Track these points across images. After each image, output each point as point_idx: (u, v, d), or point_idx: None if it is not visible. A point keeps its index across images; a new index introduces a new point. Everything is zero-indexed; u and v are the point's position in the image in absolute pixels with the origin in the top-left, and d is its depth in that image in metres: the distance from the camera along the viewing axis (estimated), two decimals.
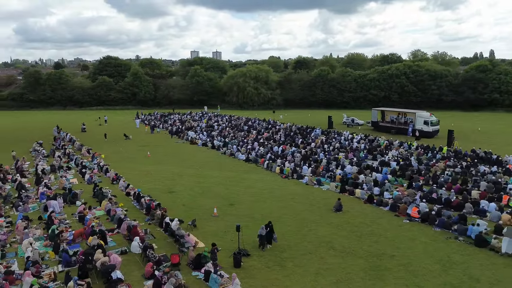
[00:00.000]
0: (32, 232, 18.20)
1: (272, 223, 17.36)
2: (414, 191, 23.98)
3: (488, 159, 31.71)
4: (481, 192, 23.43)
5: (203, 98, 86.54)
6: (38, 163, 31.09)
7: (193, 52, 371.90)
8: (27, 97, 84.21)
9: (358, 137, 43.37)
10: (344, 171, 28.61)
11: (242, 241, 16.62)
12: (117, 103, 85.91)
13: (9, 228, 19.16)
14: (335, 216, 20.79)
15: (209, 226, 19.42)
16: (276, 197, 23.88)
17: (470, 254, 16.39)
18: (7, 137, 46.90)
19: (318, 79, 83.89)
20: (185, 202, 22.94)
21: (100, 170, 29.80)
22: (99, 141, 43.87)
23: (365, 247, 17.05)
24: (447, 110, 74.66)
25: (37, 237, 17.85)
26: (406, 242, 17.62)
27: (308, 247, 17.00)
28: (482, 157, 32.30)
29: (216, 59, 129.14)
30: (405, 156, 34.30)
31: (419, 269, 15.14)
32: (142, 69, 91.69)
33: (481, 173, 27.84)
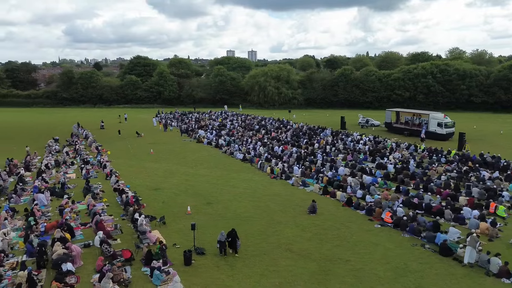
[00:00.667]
0: (14, 223, 19.50)
1: (235, 231, 16.76)
2: (397, 196, 23.30)
3: (492, 164, 30.06)
4: (468, 199, 22.39)
5: (225, 97, 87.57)
6: (45, 157, 32.99)
7: (229, 51, 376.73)
8: (61, 95, 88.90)
9: (365, 138, 42.44)
10: (333, 173, 28.18)
11: (202, 240, 17.02)
12: (143, 101, 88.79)
13: None
14: (307, 218, 20.63)
15: (179, 224, 19.89)
16: (255, 197, 23.99)
17: (429, 263, 15.79)
18: (32, 133, 49.86)
19: (340, 79, 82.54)
20: (165, 199, 23.58)
21: (99, 166, 31.17)
22: (113, 138, 45.69)
23: (323, 251, 16.85)
24: (477, 112, 71.22)
25: (16, 228, 19.11)
26: (368, 247, 17.24)
27: (265, 248, 17.04)
28: (486, 162, 30.65)
29: (243, 59, 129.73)
30: (406, 159, 33.21)
31: (369, 276, 14.83)
32: (169, 68, 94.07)
33: (479, 179, 26.49)
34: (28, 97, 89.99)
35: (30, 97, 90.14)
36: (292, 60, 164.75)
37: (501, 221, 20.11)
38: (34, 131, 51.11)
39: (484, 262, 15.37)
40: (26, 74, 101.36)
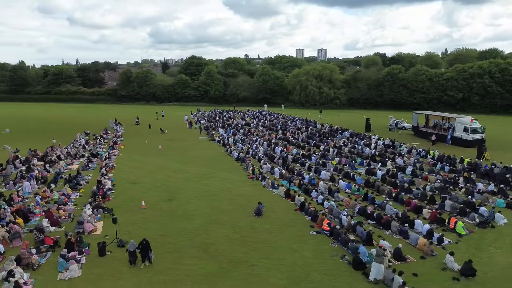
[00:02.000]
0: None
1: (147, 241, 15.97)
2: (356, 203, 22.20)
3: (494, 176, 26.94)
4: (432, 212, 20.60)
5: (268, 97, 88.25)
6: (62, 149, 36.74)
7: (298, 50, 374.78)
8: (120, 93, 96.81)
9: (380, 142, 40.34)
10: (310, 177, 27.50)
11: (137, 233, 18.18)
12: (191, 99, 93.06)
13: None
14: (249, 220, 20.62)
15: (129, 217, 21.15)
16: (218, 197, 24.42)
17: (334, 275, 15.09)
18: (75, 126, 55.08)
19: (387, 78, 78.57)
20: (133, 193, 25.08)
21: (104, 159, 33.92)
22: (139, 134, 48.96)
23: (237, 253, 16.86)
24: None
25: None
26: (285, 253, 16.87)
27: (183, 247, 17.47)
28: (488, 174, 27.53)
29: (295, 58, 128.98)
30: (407, 165, 31.13)
31: (260, 282, 14.63)
32: (216, 68, 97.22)
33: (468, 192, 24.05)
34: (92, 94, 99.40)
35: (94, 94, 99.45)
36: (361, 58, 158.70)
37: (455, 238, 18.27)
38: (78, 125, 56.40)
39: (389, 280, 14.33)
40: (94, 74, 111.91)
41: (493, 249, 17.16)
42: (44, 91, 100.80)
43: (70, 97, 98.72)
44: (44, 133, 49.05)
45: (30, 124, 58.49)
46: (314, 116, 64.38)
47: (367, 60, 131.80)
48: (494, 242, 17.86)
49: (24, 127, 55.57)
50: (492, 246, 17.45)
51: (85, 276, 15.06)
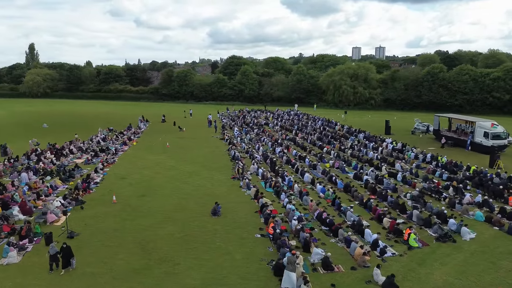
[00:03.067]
0: None
1: (68, 246, 15.73)
2: (317, 208, 21.56)
3: (488, 186, 24.59)
4: (391, 221, 19.45)
5: (301, 96, 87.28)
6: (77, 144, 39.50)
7: (354, 48, 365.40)
8: (161, 91, 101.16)
9: (390, 146, 38.47)
10: (289, 179, 27.06)
11: (93, 226, 19.31)
12: (227, 98, 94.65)
13: None
14: (201, 220, 20.82)
15: (96, 210, 22.37)
16: (190, 195, 24.89)
17: (249, 279, 14.97)
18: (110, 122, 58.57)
19: (427, 78, 74.16)
20: (114, 188, 26.35)
21: (108, 155, 35.98)
22: (161, 131, 50.98)
23: (170, 252, 17.11)
24: None
25: None
26: (216, 255, 16.91)
27: (124, 242, 18.06)
28: (483, 183, 25.16)
29: (337, 56, 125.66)
30: (404, 171, 29.55)
31: (176, 281, 14.86)
32: (252, 68, 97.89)
33: (451, 202, 22.32)
34: (136, 93, 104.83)
35: (138, 93, 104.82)
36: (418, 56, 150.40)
37: (402, 250, 17.14)
38: (111, 121, 59.81)
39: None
40: (142, 73, 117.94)
41: (437, 266, 15.88)
42: (95, 89, 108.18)
43: (117, 95, 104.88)
44: (77, 128, 52.63)
45: (69, 120, 63.03)
46: (350, 116, 62.68)
47: (423, 58, 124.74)
48: (443, 258, 16.50)
49: (62, 122, 60.03)
50: (438, 262, 16.14)
51: (22, 263, 16.33)
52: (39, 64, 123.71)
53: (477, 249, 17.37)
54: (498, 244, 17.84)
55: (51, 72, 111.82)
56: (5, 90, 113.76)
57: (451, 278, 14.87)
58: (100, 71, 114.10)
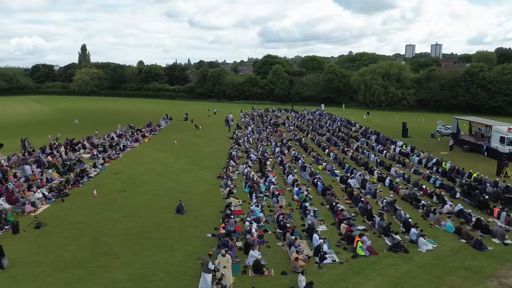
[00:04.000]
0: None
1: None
2: (279, 210, 21.28)
3: (474, 196, 22.73)
4: (347, 227, 18.74)
5: (332, 96, 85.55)
6: (93, 139, 41.86)
7: (408, 46, 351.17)
8: (196, 90, 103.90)
9: (398, 149, 36.83)
10: (269, 180, 26.84)
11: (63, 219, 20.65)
12: (258, 98, 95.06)
13: None
14: (164, 217, 21.33)
15: (75, 203, 23.73)
16: (165, 192, 25.66)
17: (175, 278, 15.23)
18: (136, 119, 61.21)
19: (465, 77, 69.43)
20: (102, 183, 27.79)
21: (113, 150, 37.78)
22: (179, 129, 52.52)
23: (116, 246, 17.85)
24: None
25: None
26: (158, 252, 17.29)
27: (79, 234, 19.11)
28: (470, 192, 23.30)
29: (377, 55, 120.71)
30: (396, 176, 28.28)
31: (106, 276, 15.37)
32: (284, 67, 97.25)
33: (427, 211, 21.07)
34: (173, 91, 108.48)
35: (175, 91, 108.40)
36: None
37: (345, 258, 16.50)
38: (139, 118, 62.26)
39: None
40: (180, 72, 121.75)
41: (373, 276, 15.14)
42: (136, 88, 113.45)
43: (156, 93, 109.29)
44: (106, 124, 55.51)
45: (102, 116, 66.67)
46: (378, 118, 60.71)
47: (479, 56, 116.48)
48: (385, 268, 15.69)
49: (94, 118, 63.72)
50: (376, 273, 15.37)
51: None
52: (89, 64, 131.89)
53: (428, 261, 16.29)
54: (455, 258, 16.57)
55: (98, 71, 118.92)
56: (57, 88, 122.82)
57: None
58: (141, 70, 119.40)
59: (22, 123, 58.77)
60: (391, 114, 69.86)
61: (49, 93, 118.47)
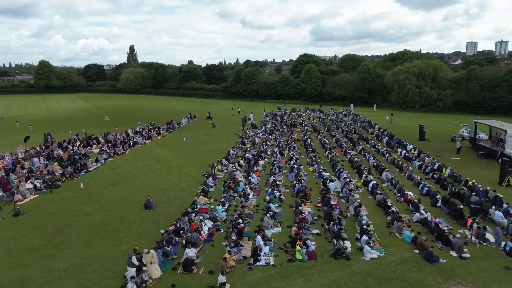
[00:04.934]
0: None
1: None
2: (242, 211, 21.29)
3: (451, 204, 21.14)
4: (296, 230, 18.39)
5: (364, 96, 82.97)
6: (111, 135, 44.15)
7: (469, 43, 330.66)
8: (230, 89, 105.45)
9: (403, 153, 35.14)
10: (248, 180, 26.85)
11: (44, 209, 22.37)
12: (289, 97, 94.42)
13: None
14: (131, 212, 22.15)
15: (61, 194, 25.38)
16: (147, 188, 26.39)
17: (109, 270, 15.89)
18: (164, 116, 63.62)
19: (507, 78, 64.16)
20: (95, 176, 29.42)
21: (128, 146, 39.65)
22: (199, 127, 53.85)
23: (73, 237, 18.89)
24: None
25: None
26: (106, 245, 17.99)
27: (47, 223, 20.50)
28: (447, 200, 21.64)
29: (421, 53, 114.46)
30: (386, 180, 27.15)
31: (50, 263, 16.39)
32: (317, 66, 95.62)
33: (393, 218, 20.06)
34: (209, 90, 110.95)
35: (211, 91, 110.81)
36: None
37: (280, 261, 16.23)
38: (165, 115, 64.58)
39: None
40: (218, 72, 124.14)
41: (299, 281, 14.79)
42: (175, 87, 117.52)
43: (193, 92, 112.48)
44: (133, 121, 58.04)
45: (134, 113, 69.59)
46: (387, 118, 58.28)
47: None
48: (315, 274, 15.25)
49: (126, 115, 66.99)
50: (303, 278, 15.00)
51: None
52: (135, 64, 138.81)
53: (366, 270, 15.57)
54: (398, 269, 15.67)
55: (142, 70, 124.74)
56: (106, 86, 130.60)
57: None
58: (181, 70, 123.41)
59: (60, 119, 63.38)
60: (423, 116, 66.27)
61: (98, 91, 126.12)
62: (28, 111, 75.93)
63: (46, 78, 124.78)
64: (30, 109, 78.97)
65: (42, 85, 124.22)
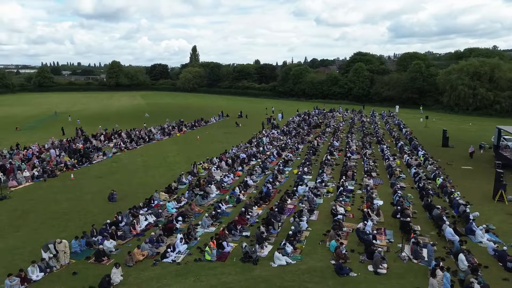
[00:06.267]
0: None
1: None
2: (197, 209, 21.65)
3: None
4: (221, 231, 18.29)
5: (414, 97, 77.66)
6: (136, 131, 47.00)
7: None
8: (278, 89, 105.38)
9: (407, 159, 32.64)
10: (221, 179, 27.00)
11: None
12: (336, 97, 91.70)
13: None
14: (96, 204, 23.49)
15: (51, 182, 27.95)
16: (127, 182, 27.99)
17: (34, 253, 17.35)
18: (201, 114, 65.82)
19: None
20: (93, 168, 31.79)
21: (143, 141, 42.08)
22: (225, 126, 55.10)
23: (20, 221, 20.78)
24: None
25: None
26: (50, 233, 19.12)
27: (15, 206, 22.88)
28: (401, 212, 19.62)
29: (492, 50, 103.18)
30: None
31: None
32: (366, 65, 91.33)
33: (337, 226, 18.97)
34: (258, 90, 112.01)
35: (260, 90, 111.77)
36: None
37: (187, 260, 16.36)
38: (205, 113, 66.37)
39: None
40: (270, 71, 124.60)
41: (189, 281, 14.84)
42: (228, 86, 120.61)
43: (244, 91, 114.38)
44: (171, 118, 60.58)
45: (177, 110, 72.91)
46: (421, 120, 54.02)
47: None
48: (209, 275, 15.15)
49: (167, 112, 70.23)
50: (194, 278, 14.99)
51: None
52: (195, 63, 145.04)
53: (265, 276, 15.11)
54: (298, 278, 14.93)
55: (200, 70, 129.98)
56: (167, 85, 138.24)
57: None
58: (234, 69, 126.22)
59: (109, 115, 68.36)
60: (475, 119, 60.17)
61: (160, 89, 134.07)
62: (88, 107, 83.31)
63: (116, 77, 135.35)
64: (91, 105, 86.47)
65: (112, 83, 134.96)
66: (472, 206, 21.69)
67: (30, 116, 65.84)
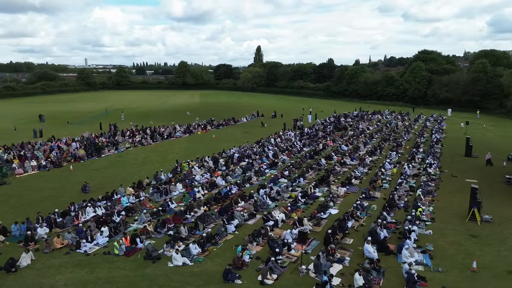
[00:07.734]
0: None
1: None
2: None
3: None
4: (142, 229, 18.78)
5: (475, 99, 69.88)
6: (164, 128, 49.51)
7: None
8: (331, 89, 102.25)
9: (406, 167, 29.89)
10: (193, 177, 27.38)
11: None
12: (390, 98, 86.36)
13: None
14: (71, 193, 25.34)
15: (52, 172, 30.90)
16: (112, 175, 29.80)
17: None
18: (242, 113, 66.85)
19: None
20: (97, 161, 34.38)
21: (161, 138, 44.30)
22: (254, 125, 55.54)
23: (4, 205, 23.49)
24: None
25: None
26: (13, 218, 21.68)
27: (8, 192, 25.51)
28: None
29: None
30: None
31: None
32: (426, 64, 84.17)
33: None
34: (312, 89, 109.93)
35: (313, 89, 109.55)
36: None
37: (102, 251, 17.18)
38: (247, 112, 67.50)
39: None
40: (328, 71, 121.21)
41: (78, 271, 15.61)
42: (284, 86, 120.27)
43: (298, 91, 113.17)
44: (208, 117, 62.43)
45: (218, 110, 74.66)
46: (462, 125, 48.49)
47: None
48: (98, 269, 15.74)
49: (209, 112, 72.29)
50: (87, 269, 15.69)
51: None
52: (258, 63, 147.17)
53: (152, 273, 15.30)
54: (181, 279, 14.90)
55: (259, 70, 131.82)
56: (229, 84, 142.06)
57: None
58: (292, 69, 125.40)
59: (157, 112, 72.10)
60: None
61: (222, 88, 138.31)
62: (144, 104, 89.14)
63: (183, 76, 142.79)
64: (148, 103, 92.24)
65: (179, 82, 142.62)
66: (432, 224, 19.30)
67: (91, 111, 72.39)
